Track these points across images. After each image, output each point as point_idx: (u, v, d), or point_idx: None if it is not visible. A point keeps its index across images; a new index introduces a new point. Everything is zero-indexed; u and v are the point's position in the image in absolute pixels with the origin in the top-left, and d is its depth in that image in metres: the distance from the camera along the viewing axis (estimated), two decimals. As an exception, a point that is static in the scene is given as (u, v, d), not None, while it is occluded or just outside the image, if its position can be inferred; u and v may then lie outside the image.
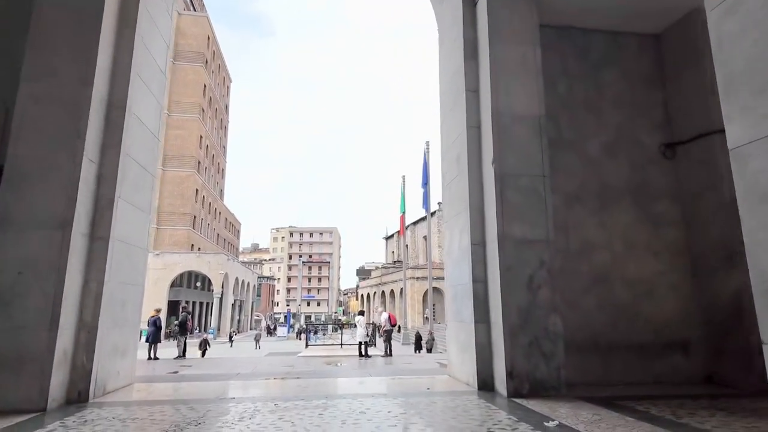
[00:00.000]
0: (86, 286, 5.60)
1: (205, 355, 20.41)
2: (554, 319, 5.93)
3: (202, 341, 22.16)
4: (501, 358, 5.81)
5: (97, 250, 5.73)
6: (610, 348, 6.80)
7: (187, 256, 46.16)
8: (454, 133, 7.26)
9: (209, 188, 60.84)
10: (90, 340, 5.52)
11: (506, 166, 6.23)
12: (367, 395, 5.76)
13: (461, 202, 6.88)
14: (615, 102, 7.74)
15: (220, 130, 68.52)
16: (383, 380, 7.20)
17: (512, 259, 5.97)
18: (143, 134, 6.80)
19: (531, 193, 6.22)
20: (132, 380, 6.68)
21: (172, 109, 54.24)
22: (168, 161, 52.80)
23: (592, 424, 4.29)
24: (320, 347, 14.93)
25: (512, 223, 6.07)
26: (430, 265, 28.46)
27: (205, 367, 10.57)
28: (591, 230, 7.18)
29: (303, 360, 12.45)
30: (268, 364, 11.02)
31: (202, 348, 21.35)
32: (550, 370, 5.78)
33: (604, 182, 7.37)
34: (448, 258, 7.57)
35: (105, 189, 5.88)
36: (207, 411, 4.85)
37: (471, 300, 6.36)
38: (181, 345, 13.47)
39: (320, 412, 4.76)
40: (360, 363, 12.00)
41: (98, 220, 5.80)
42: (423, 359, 13.38)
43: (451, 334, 7.23)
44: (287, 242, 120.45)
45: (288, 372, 8.60)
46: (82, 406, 5.13)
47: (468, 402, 5.31)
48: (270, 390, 6.35)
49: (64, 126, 5.55)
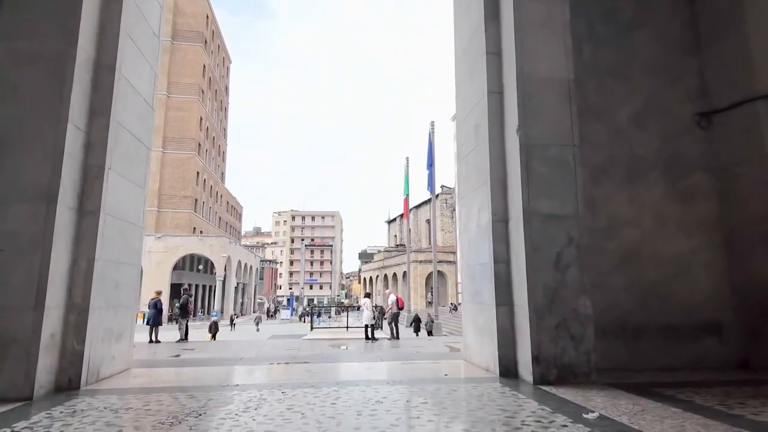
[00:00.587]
0: (75, 265, 5.14)
1: (216, 338, 20.13)
2: (584, 300, 5.47)
3: (212, 324, 21.76)
4: (526, 342, 5.37)
5: (86, 226, 5.25)
6: (637, 331, 6.35)
7: (189, 239, 45.85)
8: (472, 101, 6.70)
9: (210, 171, 60.25)
10: (80, 323, 5.08)
11: (532, 135, 5.69)
12: (381, 382, 5.34)
13: (480, 175, 6.36)
14: (645, 68, 7.14)
15: (220, 112, 67.60)
16: (396, 365, 6.79)
17: (539, 237, 5.48)
18: (136, 101, 6.26)
19: (559, 164, 5.69)
20: (129, 365, 6.28)
21: (171, 90, 53.36)
22: (168, 143, 52.15)
23: (635, 416, 3.85)
24: (325, 330, 14.57)
25: (539, 198, 5.57)
26: (435, 248, 28.04)
27: (208, 351, 10.22)
28: (619, 206, 6.67)
29: (308, 343, 12.09)
30: (273, 348, 10.67)
31: (213, 331, 20.97)
32: (579, 355, 5.34)
33: (634, 154, 6.82)
34: (464, 237, 7.09)
35: (94, 159, 5.37)
36: (208, 400, 4.43)
37: (491, 281, 5.89)
38: (183, 328, 13.11)
39: (332, 401, 4.34)
40: (367, 346, 11.65)
41: (87, 193, 5.30)
42: (431, 342, 13.02)
43: (468, 317, 6.78)
44: (289, 226, 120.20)
45: (294, 356, 8.21)
46: (73, 394, 4.72)
47: (492, 390, 4.88)
48: (276, 376, 5.94)
49: (47, 89, 5.02)
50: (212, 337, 20.39)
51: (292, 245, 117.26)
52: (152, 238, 43.81)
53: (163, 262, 43.01)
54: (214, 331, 20.99)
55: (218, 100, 65.75)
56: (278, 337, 26.33)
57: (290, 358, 7.91)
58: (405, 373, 6.16)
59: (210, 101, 60.73)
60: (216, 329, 21.19)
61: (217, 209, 64.59)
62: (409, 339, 15.84)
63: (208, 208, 59.98)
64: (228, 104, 73.22)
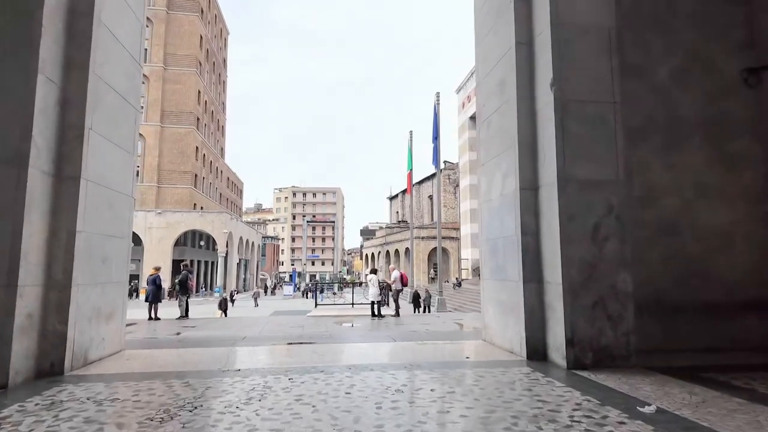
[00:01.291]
0: (54, 237, 4.57)
1: (227, 315, 19.76)
2: (623, 276, 4.91)
3: (222, 300, 21.24)
4: (558, 322, 4.84)
5: (65, 193, 4.65)
6: (675, 309, 5.80)
7: (190, 215, 45.31)
8: (496, 55, 5.99)
9: (209, 146, 59.27)
10: (62, 301, 4.54)
11: (568, 90, 5.03)
12: (399, 366, 4.83)
13: (506, 138, 5.72)
14: (688, 20, 6.39)
15: (219, 85, 66.09)
16: (410, 346, 6.28)
17: (574, 205, 4.88)
18: (119, 54, 5.57)
19: (598, 123, 5.05)
20: (122, 346, 5.78)
21: (168, 62, 51.91)
22: (166, 117, 51.06)
23: (697, 409, 3.32)
24: (330, 307, 14.13)
25: (575, 162, 4.94)
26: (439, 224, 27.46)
27: (208, 329, 9.76)
28: (656, 172, 6.02)
29: (313, 320, 11.65)
30: (277, 325, 10.22)
31: (223, 307, 20.47)
32: (617, 337, 4.82)
33: (673, 116, 6.14)
34: (484, 208, 6.48)
35: (72, 117, 4.73)
36: (206, 388, 3.92)
37: (518, 255, 5.32)
38: (183, 305, 12.64)
39: (346, 390, 3.82)
40: (374, 324, 11.20)
41: (66, 156, 4.69)
42: (440, 320, 12.58)
43: (489, 294, 6.24)
44: (290, 202, 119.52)
45: (300, 335, 7.72)
46: (55, 381, 4.21)
47: (522, 376, 4.36)
48: (282, 358, 5.44)
49: (13, 37, 4.34)
50: (223, 313, 19.95)
51: (294, 222, 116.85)
52: (153, 213, 43.31)
53: (164, 238, 42.60)
54: (224, 307, 20.55)
55: (216, 73, 64.13)
56: (281, 313, 26.07)
57: (296, 337, 7.43)
58: (422, 355, 5.65)
59: (208, 74, 59.22)
60: (226, 306, 20.75)
61: (217, 185, 63.85)
62: (414, 316, 15.47)
63: (209, 184, 59.24)
64: (226, 78, 71.53)
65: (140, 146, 50.38)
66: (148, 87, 51.02)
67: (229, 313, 25.06)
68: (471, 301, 28.01)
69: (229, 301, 36.47)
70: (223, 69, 69.30)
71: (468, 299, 29.10)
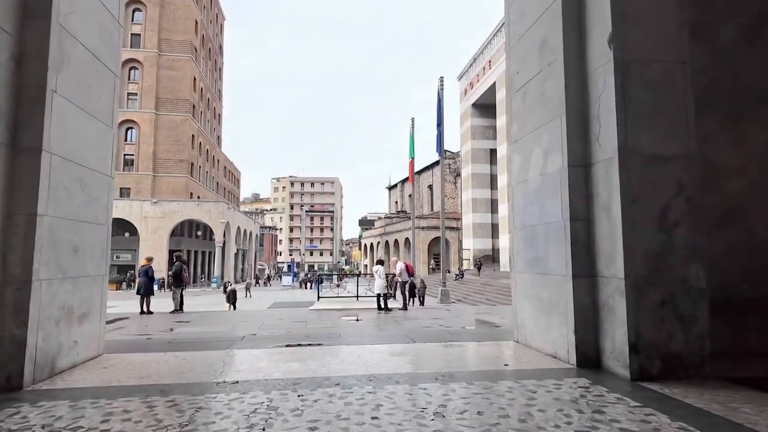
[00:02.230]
0: (9, 221, 3.74)
1: (236, 307, 18.78)
2: (695, 269, 4.12)
3: (230, 293, 19.55)
4: (618, 324, 4.05)
5: (23, 167, 3.81)
6: (743, 306, 5.03)
7: (186, 204, 44.38)
8: (536, 10, 5.13)
9: (206, 134, 58.12)
10: (21, 300, 3.72)
11: (630, 48, 4.18)
12: (428, 377, 4.03)
13: (548, 108, 4.88)
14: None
15: (215, 72, 64.71)
16: (434, 348, 5.50)
17: (638, 185, 4.07)
18: (91, 6, 4.68)
19: (666, 86, 4.21)
20: (99, 350, 4.97)
21: (163, 48, 50.60)
22: (161, 105, 49.89)
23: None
24: (334, 299, 13.32)
25: (639, 133, 4.12)
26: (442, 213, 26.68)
27: (203, 324, 8.99)
28: (720, 149, 5.21)
29: (316, 314, 10.89)
30: (277, 320, 9.45)
31: (231, 300, 19.17)
32: (689, 341, 4.03)
33: (741, 83, 5.31)
34: (517, 191, 5.67)
35: (29, 74, 3.87)
36: (196, 410, 3.12)
37: (566, 245, 4.52)
38: (177, 298, 11.85)
39: (372, 413, 3.03)
40: (381, 318, 10.45)
41: (23, 122, 3.84)
42: (450, 313, 11.83)
43: (524, 289, 5.45)
44: (288, 192, 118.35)
45: (306, 334, 6.94)
46: (9, 399, 3.40)
47: (583, 392, 3.57)
48: (287, 365, 4.64)
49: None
50: (232, 306, 18.96)
51: (291, 212, 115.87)
52: (148, 203, 42.39)
53: (160, 228, 41.75)
54: (233, 300, 19.42)
55: (212, 59, 62.72)
56: (281, 305, 25.25)
57: (300, 336, 6.63)
58: (451, 361, 4.87)
59: (204, 60, 57.85)
60: (234, 298, 19.64)
61: (214, 174, 62.76)
62: (420, 309, 14.70)
63: (205, 173, 58.16)
64: (222, 64, 70.06)
65: (135, 134, 49.29)
66: (142, 73, 49.76)
67: (206, 305, 24.24)
68: (475, 292, 27.38)
69: (223, 293, 35.37)
70: (219, 56, 67.85)
71: (471, 290, 28.46)
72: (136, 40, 50.32)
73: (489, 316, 10.57)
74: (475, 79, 43.48)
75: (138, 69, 50.15)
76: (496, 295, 23.96)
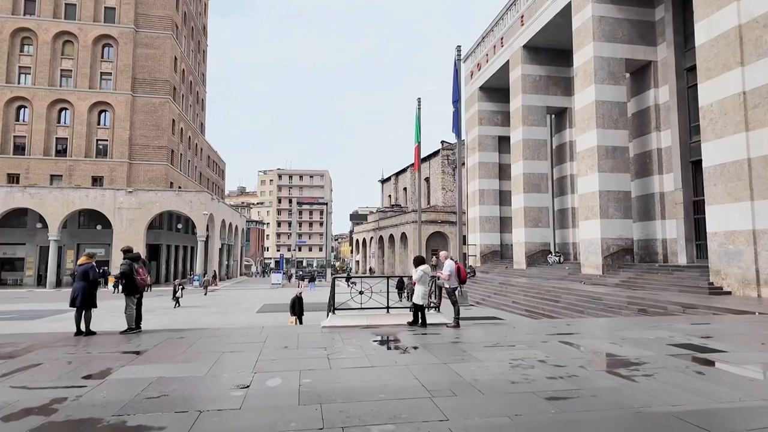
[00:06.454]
0: None
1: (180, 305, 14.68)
2: None
3: (296, 301, 14.70)
4: None
5: None
6: None
7: (165, 194, 40.21)
8: None
9: (188, 120, 53.77)
10: None
11: None
12: None
13: None
14: None
15: (198, 54, 60.20)
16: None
17: None
18: None
19: None
20: None
21: (140, 24, 46.17)
22: (138, 86, 45.53)
23: None
24: (355, 315, 9.61)
25: None
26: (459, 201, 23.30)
27: (166, 357, 5.45)
28: None
29: (331, 337, 7.39)
30: (282, 347, 5.95)
31: (298, 312, 14.09)
32: None
33: None
34: None
35: None
36: None
37: None
38: (132, 311, 8.13)
39: None
40: (431, 342, 6.99)
41: None
42: (515, 330, 8.43)
43: None
44: (276, 185, 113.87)
45: (331, 386, 3.43)
46: None
47: None
48: None
49: None
50: (298, 320, 14.09)
51: (279, 206, 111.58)
52: (123, 192, 38.20)
53: (136, 219, 37.63)
54: (299, 312, 14.62)
55: (195, 39, 58.20)
56: (271, 309, 21.29)
57: (335, 414, 3.13)
58: None
59: (186, 39, 53.38)
60: (301, 310, 14.83)
61: (196, 163, 58.40)
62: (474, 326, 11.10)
63: (187, 161, 53.83)
64: (207, 47, 65.50)
65: (108, 117, 44.92)
66: (117, 51, 45.31)
67: (208, 318, 20.60)
68: (495, 293, 23.90)
69: (203, 291, 30.62)
70: (203, 37, 63.34)
71: (490, 290, 25.01)
72: (111, 14, 45.80)
73: (613, 347, 7.15)
74: (483, 59, 40.07)
75: (112, 46, 45.66)
76: (526, 298, 20.56)
